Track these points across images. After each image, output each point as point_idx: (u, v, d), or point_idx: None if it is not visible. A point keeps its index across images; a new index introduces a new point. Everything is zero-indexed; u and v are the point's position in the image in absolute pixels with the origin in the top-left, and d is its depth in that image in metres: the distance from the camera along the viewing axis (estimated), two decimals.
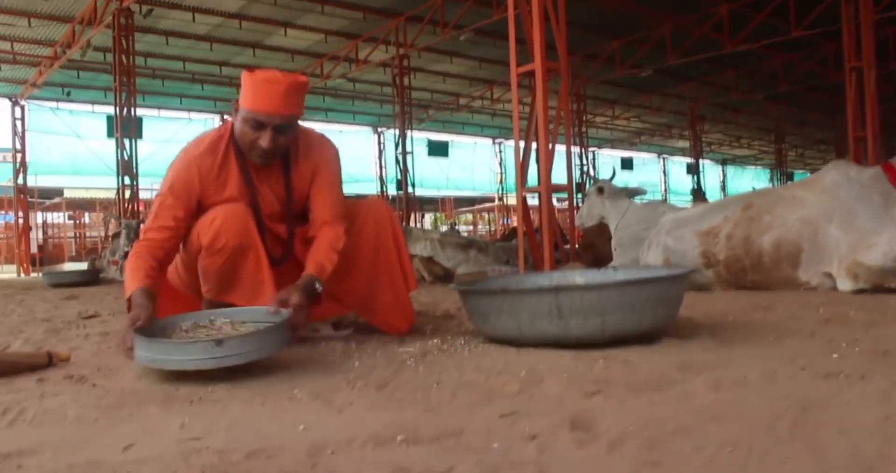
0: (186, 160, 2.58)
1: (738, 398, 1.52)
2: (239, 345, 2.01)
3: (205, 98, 17.80)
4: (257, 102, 2.43)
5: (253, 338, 2.06)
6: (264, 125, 2.45)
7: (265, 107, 2.43)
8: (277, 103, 2.43)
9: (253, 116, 2.44)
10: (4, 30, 12.91)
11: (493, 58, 15.96)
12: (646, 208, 6.25)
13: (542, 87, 5.63)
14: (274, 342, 2.09)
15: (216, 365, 1.99)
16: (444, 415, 1.54)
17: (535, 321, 2.22)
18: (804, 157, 31.56)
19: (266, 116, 2.43)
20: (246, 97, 2.46)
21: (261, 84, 2.43)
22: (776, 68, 16.97)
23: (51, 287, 8.12)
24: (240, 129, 2.51)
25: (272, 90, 2.42)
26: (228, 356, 1.99)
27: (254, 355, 2.04)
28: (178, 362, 2.02)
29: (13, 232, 17.98)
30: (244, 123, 2.48)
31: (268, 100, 2.42)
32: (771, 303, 3.43)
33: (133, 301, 2.29)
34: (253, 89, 2.44)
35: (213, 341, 2.01)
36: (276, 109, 2.43)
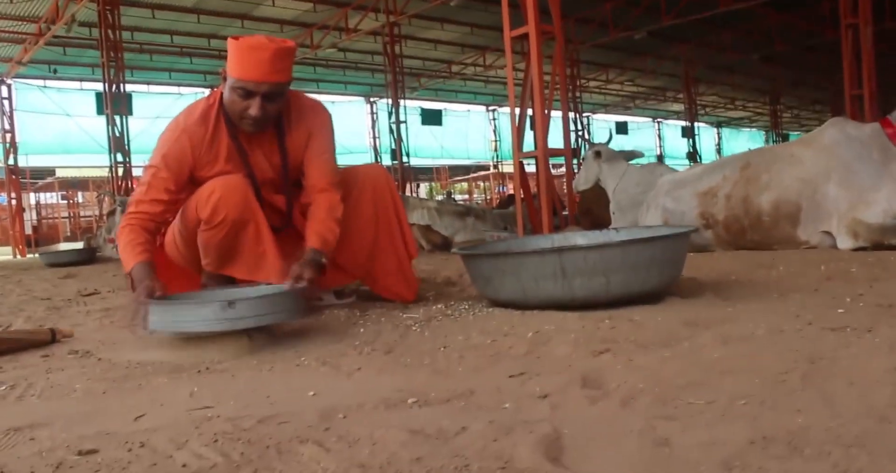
0: (177, 131, 2.53)
1: (746, 352, 1.52)
2: (252, 307, 2.00)
3: (194, 72, 17.62)
4: (244, 70, 2.38)
5: (266, 301, 2.05)
6: (253, 94, 2.40)
7: (253, 74, 2.37)
8: (265, 70, 2.37)
9: (241, 84, 2.39)
10: None
11: (485, 23, 15.78)
12: (643, 170, 6.22)
13: (536, 49, 5.58)
14: (286, 308, 2.08)
15: (229, 328, 1.97)
16: (453, 377, 1.54)
17: (538, 282, 2.21)
18: (800, 118, 31.47)
19: (254, 84, 2.38)
20: (233, 65, 2.41)
21: (247, 51, 2.38)
22: (771, 28, 16.83)
23: (48, 267, 8.10)
24: (228, 98, 2.46)
25: (259, 57, 2.36)
26: (241, 318, 1.97)
27: (266, 319, 2.02)
28: (191, 323, 2.00)
29: (6, 214, 17.88)
30: (232, 92, 2.43)
31: (255, 67, 2.37)
32: (772, 262, 3.43)
33: (135, 276, 2.28)
34: (239, 57, 2.39)
35: (225, 302, 1.99)
36: (264, 77, 2.38)
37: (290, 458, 1.11)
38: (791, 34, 17.23)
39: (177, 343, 2.09)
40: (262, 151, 2.61)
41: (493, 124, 25.44)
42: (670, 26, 15.07)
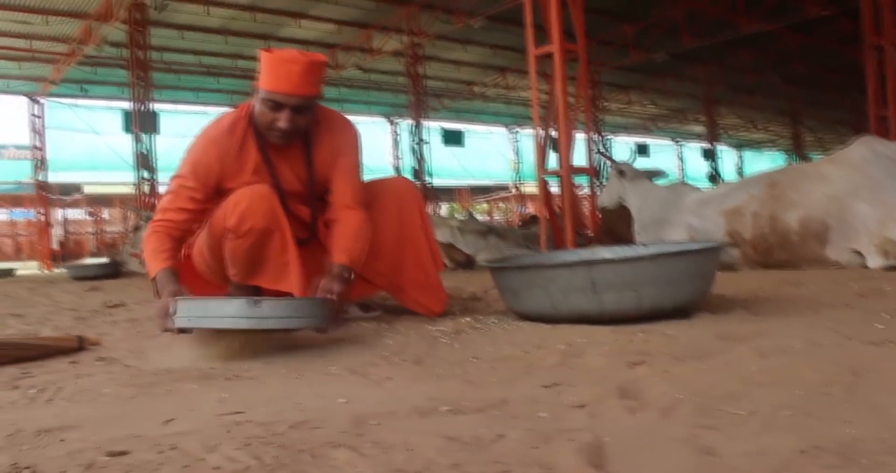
0: (206, 142, 2.56)
1: (785, 365, 1.49)
2: (278, 308, 1.99)
3: (220, 91, 17.81)
4: (275, 83, 2.39)
5: (294, 304, 2.04)
6: (283, 106, 2.41)
7: (283, 87, 2.39)
8: (295, 83, 2.39)
9: (272, 96, 2.41)
10: (21, 27, 12.97)
11: (507, 44, 15.85)
12: (667, 189, 6.17)
13: (560, 66, 5.58)
14: (312, 315, 2.06)
15: (254, 326, 1.95)
16: (486, 387, 1.52)
17: (568, 296, 2.19)
18: (821, 140, 31.20)
19: (284, 96, 2.40)
20: (264, 77, 2.43)
21: (279, 64, 2.39)
22: (792, 49, 16.76)
23: (73, 280, 8.18)
24: (258, 109, 2.48)
25: (290, 70, 2.38)
26: (266, 317, 1.96)
27: (291, 322, 2.00)
28: (216, 320, 1.99)
29: (34, 229, 18.13)
30: (263, 104, 2.45)
31: (286, 80, 2.39)
32: (801, 280, 3.38)
33: (160, 281, 2.28)
34: (271, 69, 2.40)
35: (252, 299, 1.98)
36: (295, 90, 2.40)
37: (324, 462, 1.09)
38: (811, 55, 17.15)
39: (204, 352, 2.08)
40: (288, 163, 2.62)
41: (514, 145, 25.45)
42: (690, 48, 15.06)
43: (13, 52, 13.90)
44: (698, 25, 14.03)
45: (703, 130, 24.21)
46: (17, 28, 12.98)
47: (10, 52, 13.88)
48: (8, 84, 15.87)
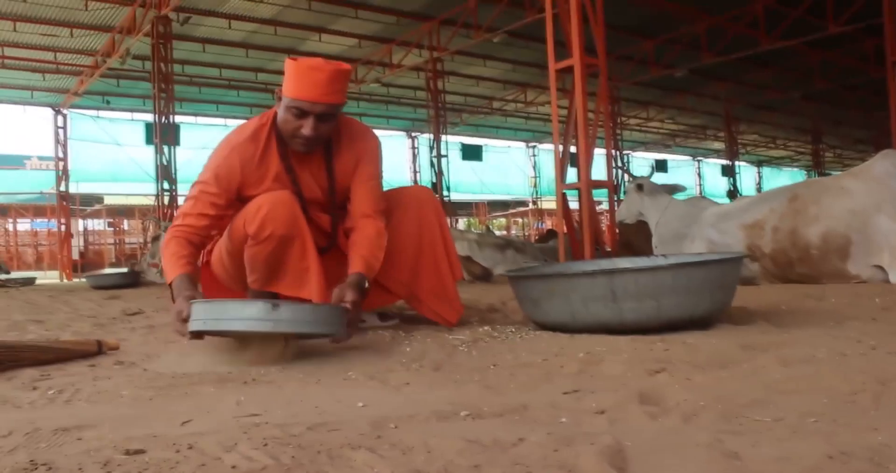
0: (229, 148, 2.56)
1: (809, 373, 1.47)
2: (296, 312, 1.98)
3: (241, 104, 17.98)
4: (300, 90, 2.40)
5: (310, 309, 2.03)
6: (307, 113, 2.42)
7: (308, 94, 2.39)
8: (321, 91, 2.40)
9: (296, 103, 2.41)
10: (47, 40, 13.18)
11: (527, 60, 15.90)
12: (686, 203, 6.15)
13: (580, 79, 5.58)
14: (329, 322, 2.05)
15: (271, 329, 1.95)
16: (506, 393, 1.50)
17: (588, 305, 2.17)
18: (842, 157, 30.98)
19: (309, 103, 2.40)
20: (289, 85, 2.43)
21: (304, 71, 2.40)
22: (813, 66, 16.68)
23: (93, 289, 8.24)
24: (282, 117, 2.49)
25: (315, 78, 2.39)
26: (284, 321, 1.95)
27: (308, 327, 2.00)
28: (234, 322, 1.98)
29: (56, 239, 18.32)
30: (287, 111, 2.45)
31: (311, 87, 2.39)
32: (822, 294, 3.34)
33: (176, 286, 2.28)
34: (296, 77, 2.41)
35: (270, 302, 1.98)
36: (320, 97, 2.40)
37: (343, 463, 1.08)
38: (832, 72, 17.05)
39: (222, 357, 2.08)
40: (310, 171, 2.62)
41: (532, 160, 25.46)
42: (711, 64, 15.04)
43: (39, 64, 14.13)
44: (719, 42, 14.01)
45: (723, 147, 24.10)
46: (43, 41, 13.19)
47: (36, 64, 14.11)
48: (33, 95, 16.12)
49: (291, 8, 12.36)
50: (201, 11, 12.30)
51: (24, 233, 23.97)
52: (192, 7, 11.97)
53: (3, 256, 18.71)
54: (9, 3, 11.49)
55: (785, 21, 12.81)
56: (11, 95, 16.18)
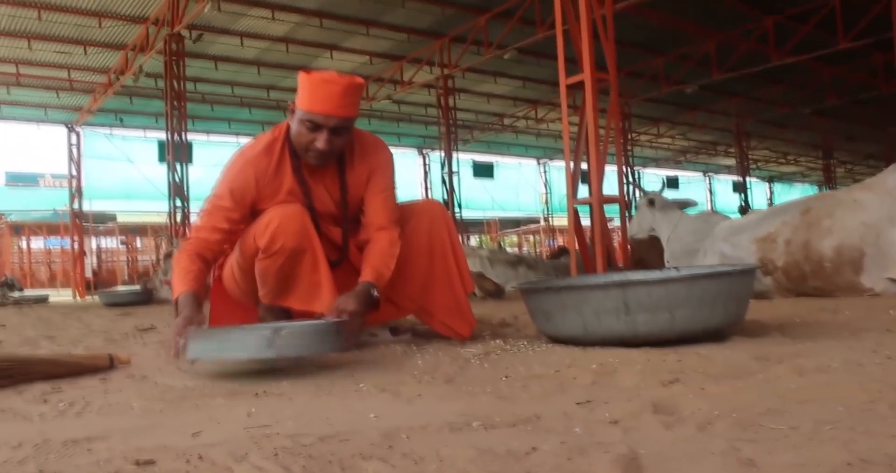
0: (242, 162, 2.57)
1: (825, 382, 1.45)
2: (296, 336, 1.98)
3: (253, 122, 18.08)
4: (314, 103, 2.42)
5: (310, 332, 2.03)
6: (321, 126, 2.43)
7: (322, 107, 2.41)
8: (335, 104, 2.41)
9: (310, 117, 2.43)
10: (61, 58, 13.33)
11: (538, 77, 15.96)
12: (698, 219, 6.13)
13: (591, 95, 5.59)
14: (329, 341, 2.06)
15: (273, 355, 1.95)
16: (518, 404, 1.49)
17: (600, 317, 2.16)
18: (853, 172, 30.85)
19: (323, 117, 2.42)
20: (303, 98, 2.45)
21: (318, 85, 2.42)
22: (823, 81, 16.65)
23: (106, 307, 8.27)
24: (296, 130, 2.50)
25: (329, 91, 2.40)
26: (285, 345, 1.95)
27: (310, 349, 2.00)
28: (234, 351, 1.98)
29: (69, 257, 18.43)
30: (300, 124, 2.47)
31: (325, 101, 2.41)
32: (836, 307, 3.31)
33: (180, 304, 2.29)
34: (310, 90, 2.43)
35: (270, 329, 1.98)
36: (333, 111, 2.42)
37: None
38: (843, 88, 17.03)
39: (232, 368, 2.08)
40: (323, 184, 2.63)
41: (544, 178, 25.47)
42: (721, 80, 15.03)
43: (53, 81, 14.28)
44: (729, 58, 14.02)
45: (734, 163, 24.04)
46: (57, 59, 13.34)
47: (51, 81, 14.27)
48: (47, 113, 16.28)
49: (303, 26, 12.46)
50: (214, 29, 12.42)
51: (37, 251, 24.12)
52: (205, 25, 12.09)
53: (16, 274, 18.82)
54: (24, 21, 11.64)
55: (795, 37, 12.82)
56: (26, 113, 16.34)
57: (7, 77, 13.71)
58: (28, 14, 11.32)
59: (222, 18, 11.90)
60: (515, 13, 11.88)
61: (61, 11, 11.32)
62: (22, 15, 11.36)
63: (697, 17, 12.78)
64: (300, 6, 11.72)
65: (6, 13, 11.29)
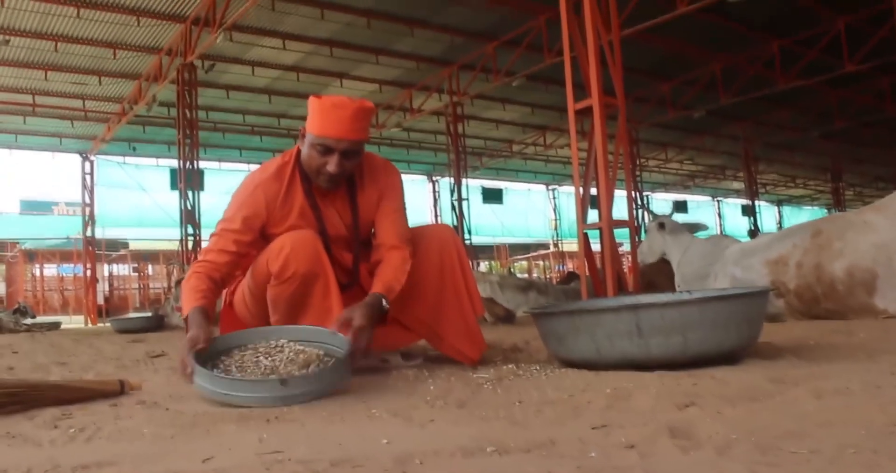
0: (252, 186, 2.58)
1: (844, 405, 1.43)
2: (304, 384, 2.00)
3: (263, 150, 18.23)
4: (325, 127, 2.43)
5: (317, 376, 2.04)
6: (332, 150, 2.44)
7: (333, 132, 2.43)
8: (345, 128, 2.43)
9: (321, 141, 2.44)
10: (77, 88, 13.52)
11: (546, 103, 16.06)
12: (708, 242, 6.10)
13: (600, 119, 5.61)
14: (337, 379, 2.09)
15: (281, 404, 1.97)
16: (532, 429, 1.48)
17: (613, 341, 2.14)
18: (862, 195, 30.75)
19: (334, 140, 2.43)
20: (313, 122, 2.47)
21: (329, 109, 2.44)
22: (830, 105, 16.68)
23: (117, 333, 8.28)
24: (307, 154, 2.52)
25: (340, 115, 2.42)
26: (293, 395, 1.97)
27: (318, 393, 2.02)
28: (241, 398, 2.00)
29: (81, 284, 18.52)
30: (311, 148, 2.48)
31: (336, 125, 2.42)
32: (850, 329, 3.28)
33: (189, 322, 2.29)
34: (321, 114, 2.45)
35: (277, 380, 1.99)
36: (344, 134, 2.43)
37: None
38: (850, 111, 17.05)
39: None
40: (334, 208, 2.64)
41: (553, 203, 25.49)
42: (728, 104, 15.10)
43: (68, 111, 14.47)
44: (735, 82, 14.07)
45: (742, 187, 24.01)
46: (72, 89, 13.54)
47: (66, 111, 14.45)
48: (62, 142, 16.47)
49: (314, 54, 12.62)
50: (226, 59, 12.59)
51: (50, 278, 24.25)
52: (217, 55, 12.26)
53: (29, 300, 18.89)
54: (41, 53, 11.84)
55: (801, 60, 12.87)
56: (41, 142, 16.55)
57: (24, 107, 13.92)
58: (45, 46, 11.52)
59: (234, 48, 12.07)
60: (523, 41, 12.00)
61: (77, 43, 11.52)
62: (39, 46, 11.56)
63: (703, 43, 12.87)
64: (310, 35, 11.87)
65: (24, 45, 11.50)
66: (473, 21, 11.73)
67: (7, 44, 11.27)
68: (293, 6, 10.72)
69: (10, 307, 14.17)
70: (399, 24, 11.54)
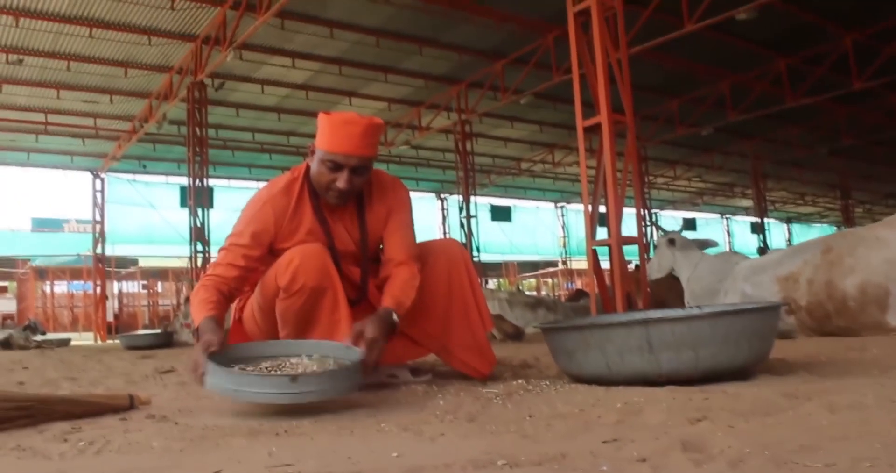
0: (261, 202, 2.60)
1: (859, 419, 1.41)
2: (314, 382, 1.99)
3: (272, 168, 18.29)
4: (335, 144, 2.45)
5: (328, 376, 2.03)
6: (342, 166, 2.46)
7: (343, 148, 2.44)
8: (355, 144, 2.45)
9: (331, 157, 2.46)
10: (88, 106, 13.64)
11: (554, 121, 16.10)
12: (718, 259, 6.08)
13: (608, 136, 5.62)
14: (349, 382, 2.07)
15: (290, 401, 1.96)
16: (543, 442, 1.47)
17: (624, 356, 2.13)
18: (872, 212, 30.61)
19: (344, 157, 2.45)
20: (323, 139, 2.48)
21: (339, 125, 2.45)
22: (839, 122, 16.65)
23: (127, 350, 8.29)
24: (316, 170, 2.53)
25: (350, 131, 2.44)
26: (303, 392, 1.96)
27: (329, 393, 2.00)
28: (252, 394, 1.99)
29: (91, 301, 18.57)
30: (321, 164, 2.49)
31: (346, 141, 2.44)
32: (863, 345, 3.25)
33: (201, 329, 2.29)
34: (331, 131, 2.46)
35: (288, 376, 1.98)
36: (354, 151, 2.45)
37: None
38: (859, 128, 17.01)
39: (252, 409, 2.07)
40: (343, 224, 2.65)
41: (561, 220, 25.47)
42: (737, 122, 15.09)
43: (80, 129, 14.59)
44: (744, 99, 14.08)
45: (751, 204, 23.95)
46: (84, 107, 13.66)
47: (77, 129, 14.57)
48: (73, 160, 16.59)
49: (323, 73, 12.69)
50: (236, 77, 12.69)
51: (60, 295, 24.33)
52: (227, 73, 12.35)
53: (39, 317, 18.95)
54: (54, 72, 11.97)
55: (809, 78, 12.87)
56: (53, 160, 16.68)
57: (36, 125, 14.04)
58: (58, 65, 11.65)
59: (244, 66, 12.16)
60: (531, 59, 12.04)
61: (89, 62, 11.63)
62: (52, 66, 11.69)
63: (711, 60, 12.90)
64: (320, 54, 11.95)
65: (37, 65, 11.63)
66: (481, 39, 11.79)
67: (21, 63, 11.40)
68: (302, 25, 10.81)
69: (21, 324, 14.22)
70: (408, 42, 11.62)
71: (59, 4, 9.82)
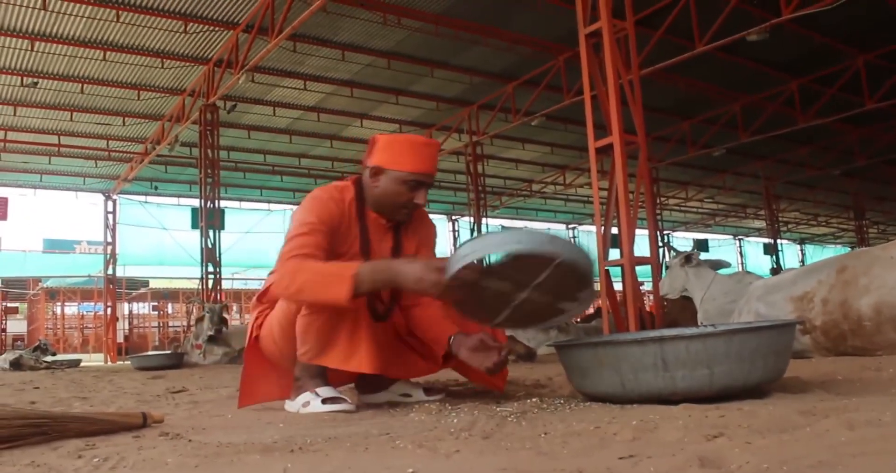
0: (324, 200, 2.62)
1: (877, 436, 1.40)
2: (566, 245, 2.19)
3: (284, 189, 18.41)
4: (419, 164, 2.57)
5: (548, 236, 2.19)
6: (422, 184, 2.60)
7: (426, 167, 2.59)
8: (432, 163, 2.62)
9: (415, 176, 2.57)
10: (101, 129, 13.79)
11: (565, 142, 16.16)
12: (731, 279, 6.06)
13: (620, 157, 5.63)
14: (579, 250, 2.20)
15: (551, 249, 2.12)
16: (559, 459, 1.46)
17: (638, 374, 2.12)
18: (886, 233, 30.41)
19: (426, 175, 2.60)
20: (402, 160, 2.56)
21: (417, 147, 2.59)
22: (852, 142, 16.63)
23: (137, 370, 8.30)
24: (392, 190, 2.59)
25: (430, 153, 2.61)
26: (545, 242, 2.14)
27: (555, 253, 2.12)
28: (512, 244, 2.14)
29: (101, 322, 18.63)
30: (401, 184, 2.58)
31: (428, 161, 2.60)
32: (879, 365, 3.22)
33: (371, 272, 2.32)
34: (409, 152, 2.57)
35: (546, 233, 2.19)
36: (433, 169, 2.63)
37: None
38: (872, 148, 16.97)
39: (266, 427, 2.07)
40: (382, 247, 2.72)
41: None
42: (748, 143, 15.09)
43: (92, 151, 14.73)
44: (755, 120, 14.09)
45: (764, 226, 23.86)
46: (97, 129, 13.82)
47: (90, 151, 14.72)
48: (85, 182, 16.75)
49: (334, 95, 12.81)
50: (247, 99, 12.82)
51: (70, 316, 24.43)
52: (239, 95, 12.48)
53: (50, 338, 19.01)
54: (68, 95, 12.13)
55: (821, 99, 12.88)
56: (65, 182, 16.84)
57: (49, 147, 14.19)
58: (72, 88, 11.80)
59: (256, 89, 12.29)
60: (542, 81, 12.12)
61: (103, 85, 11.78)
62: (66, 88, 11.84)
63: (722, 82, 12.94)
64: (331, 76, 12.07)
65: (52, 87, 11.78)
66: (493, 62, 11.88)
67: (35, 86, 11.56)
68: (314, 48, 10.93)
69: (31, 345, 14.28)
70: (419, 65, 11.72)
71: (74, 29, 9.98)
